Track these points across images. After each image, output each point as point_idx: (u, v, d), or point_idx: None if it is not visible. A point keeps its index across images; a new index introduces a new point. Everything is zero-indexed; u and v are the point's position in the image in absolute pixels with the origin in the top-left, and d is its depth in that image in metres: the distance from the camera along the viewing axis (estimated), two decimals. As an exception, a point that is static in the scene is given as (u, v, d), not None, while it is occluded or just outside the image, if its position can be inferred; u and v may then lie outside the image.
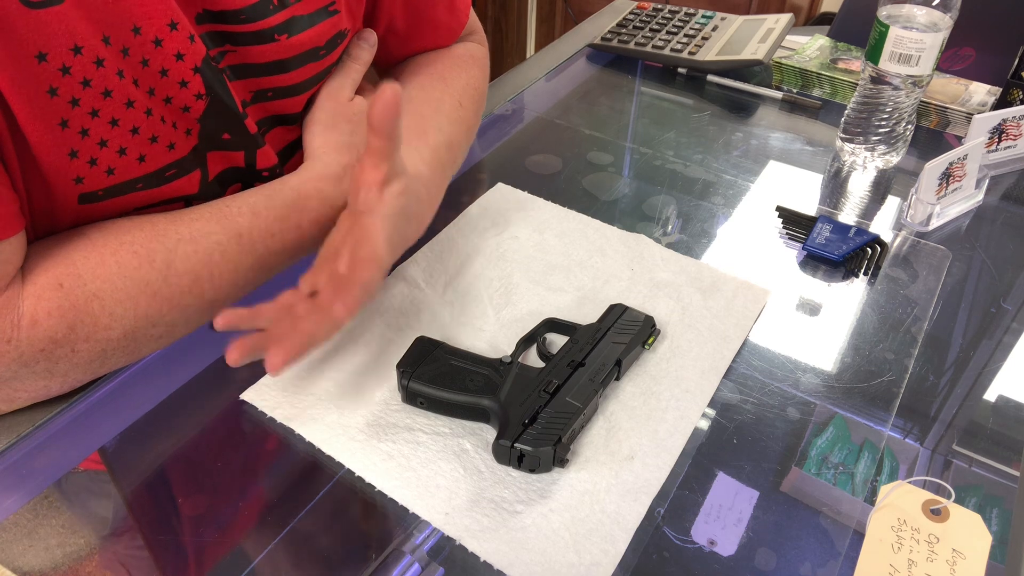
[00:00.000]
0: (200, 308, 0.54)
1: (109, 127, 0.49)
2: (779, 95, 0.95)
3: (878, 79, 0.77)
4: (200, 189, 0.57)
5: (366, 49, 0.65)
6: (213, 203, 0.55)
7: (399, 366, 0.53)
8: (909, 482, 0.50)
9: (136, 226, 0.52)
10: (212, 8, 0.52)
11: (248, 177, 0.60)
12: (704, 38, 1.02)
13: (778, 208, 0.74)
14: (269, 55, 0.56)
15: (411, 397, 0.53)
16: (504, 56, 2.62)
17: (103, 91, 0.47)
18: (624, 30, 1.05)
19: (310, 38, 0.58)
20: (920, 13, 0.73)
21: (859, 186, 0.80)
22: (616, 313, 0.58)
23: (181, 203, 0.56)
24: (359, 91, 0.64)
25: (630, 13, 1.09)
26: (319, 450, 0.51)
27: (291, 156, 0.65)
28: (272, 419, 0.53)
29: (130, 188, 0.52)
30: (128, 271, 0.50)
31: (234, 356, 0.46)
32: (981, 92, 0.93)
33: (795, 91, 0.96)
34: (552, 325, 0.59)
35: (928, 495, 0.49)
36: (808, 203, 0.77)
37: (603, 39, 1.04)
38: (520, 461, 0.49)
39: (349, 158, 0.60)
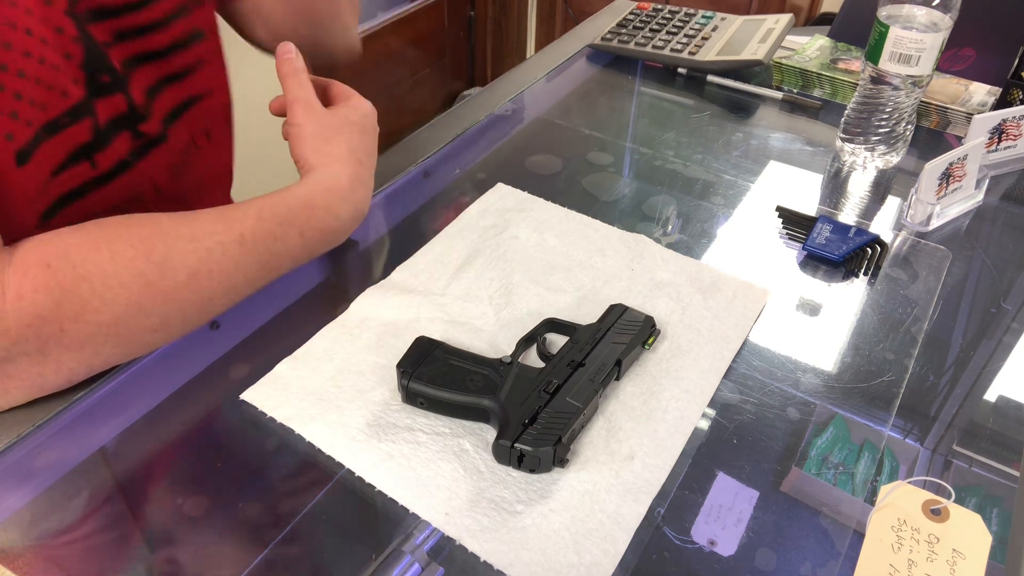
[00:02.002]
0: (198, 305, 0.54)
1: (17, 78, 0.50)
2: (779, 95, 0.95)
3: (878, 79, 0.77)
4: (93, 136, 0.57)
5: (295, 58, 0.65)
6: (218, 207, 0.56)
7: (399, 366, 0.53)
8: (909, 482, 0.50)
9: (137, 223, 0.52)
10: None
11: (134, 120, 0.59)
12: (704, 38, 1.02)
13: (778, 208, 0.74)
14: None
15: (411, 397, 0.53)
16: (504, 56, 2.62)
17: (4, 44, 0.48)
18: (624, 30, 1.05)
19: None
20: (920, 13, 0.73)
21: (859, 186, 0.80)
22: (616, 313, 0.58)
23: (91, 167, 0.56)
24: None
25: (630, 13, 1.09)
26: (319, 450, 0.51)
27: (179, 117, 0.64)
28: (272, 419, 0.53)
29: (38, 141, 0.52)
30: (123, 260, 0.50)
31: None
32: (981, 92, 0.93)
33: (795, 91, 0.96)
34: (552, 325, 0.59)
35: (928, 495, 0.49)
36: (808, 203, 0.76)
37: (603, 39, 1.04)
38: (520, 461, 0.49)
39: (354, 168, 0.61)
